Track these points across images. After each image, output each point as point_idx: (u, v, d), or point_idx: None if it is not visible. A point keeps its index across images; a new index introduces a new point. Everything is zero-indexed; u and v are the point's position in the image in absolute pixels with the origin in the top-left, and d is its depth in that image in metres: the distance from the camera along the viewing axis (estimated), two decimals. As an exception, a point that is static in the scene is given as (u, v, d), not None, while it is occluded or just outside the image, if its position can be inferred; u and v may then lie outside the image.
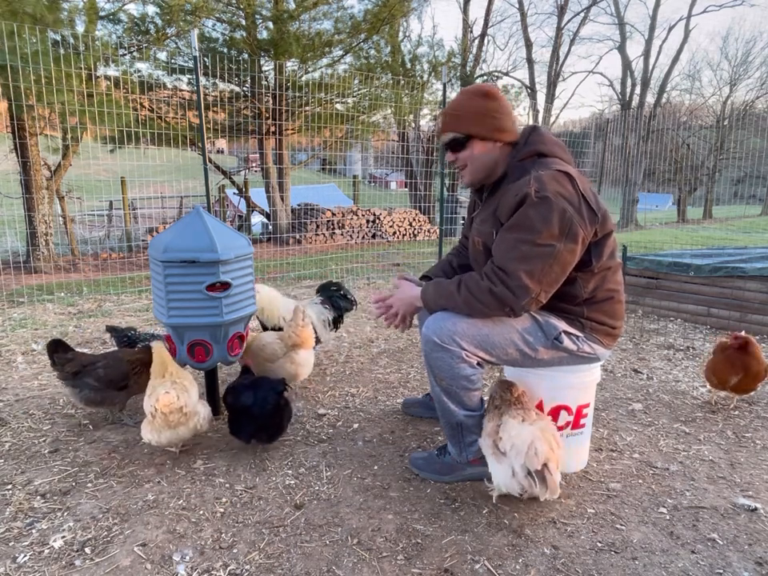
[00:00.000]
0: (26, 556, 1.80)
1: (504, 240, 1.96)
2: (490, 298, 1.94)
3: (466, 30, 19.23)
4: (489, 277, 1.96)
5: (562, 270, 1.93)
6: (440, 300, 2.09)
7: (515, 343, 2.06)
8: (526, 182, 1.93)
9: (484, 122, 2.09)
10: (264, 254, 8.77)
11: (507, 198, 1.98)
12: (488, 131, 2.09)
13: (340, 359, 3.86)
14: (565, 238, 1.89)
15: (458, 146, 2.14)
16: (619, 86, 22.82)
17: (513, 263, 1.90)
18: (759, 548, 1.85)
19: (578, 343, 2.10)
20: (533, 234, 1.88)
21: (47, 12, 6.64)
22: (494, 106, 2.10)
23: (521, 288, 1.90)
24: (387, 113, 12.33)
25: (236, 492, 2.16)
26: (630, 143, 18.21)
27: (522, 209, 1.91)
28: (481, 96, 2.11)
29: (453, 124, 2.12)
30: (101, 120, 6.82)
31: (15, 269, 6.33)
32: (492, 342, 2.04)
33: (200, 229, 2.54)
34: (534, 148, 2.07)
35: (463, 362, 2.03)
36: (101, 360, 2.69)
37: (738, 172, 25.78)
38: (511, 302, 1.92)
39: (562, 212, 1.87)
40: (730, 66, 27.11)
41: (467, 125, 2.10)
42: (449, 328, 2.01)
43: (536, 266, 1.89)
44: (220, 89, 11.40)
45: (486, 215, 2.13)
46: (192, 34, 5.36)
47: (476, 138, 2.10)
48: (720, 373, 2.91)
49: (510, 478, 1.91)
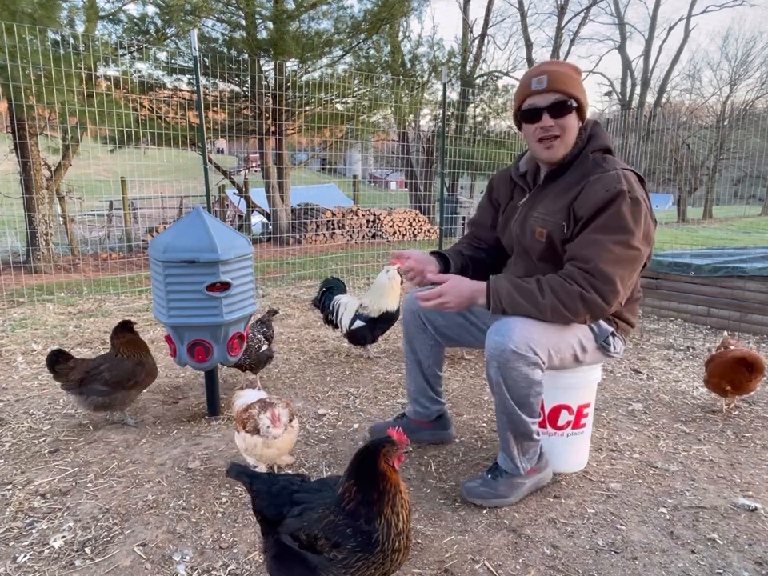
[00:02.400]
0: (26, 556, 1.80)
1: (595, 243, 1.82)
2: (579, 304, 1.82)
3: (466, 30, 19.23)
4: (577, 281, 1.81)
5: (638, 274, 1.91)
6: (518, 299, 1.89)
7: (573, 347, 2.00)
8: (616, 178, 1.84)
9: (585, 94, 1.95)
10: (264, 254, 8.76)
11: (593, 192, 1.85)
12: (586, 105, 1.94)
13: (340, 359, 3.86)
14: (647, 241, 1.87)
15: (564, 110, 1.91)
16: (619, 86, 22.84)
17: (609, 267, 1.79)
18: (759, 548, 1.85)
19: (614, 343, 2.10)
20: (627, 235, 1.81)
21: (44, 11, 6.62)
22: (582, 84, 1.98)
23: (613, 293, 1.81)
24: (387, 113, 12.32)
25: (236, 492, 2.16)
26: (630, 143, 18.20)
27: (614, 208, 1.80)
28: (577, 71, 1.98)
29: (562, 84, 1.89)
30: (101, 120, 6.81)
31: (15, 269, 6.32)
32: (558, 347, 1.95)
33: (200, 229, 2.54)
34: (604, 143, 1.98)
35: (537, 368, 1.91)
36: (102, 363, 2.68)
37: (738, 172, 25.78)
38: (599, 309, 1.82)
39: (646, 215, 1.85)
40: (730, 65, 27.16)
41: (576, 89, 1.91)
42: (524, 335, 1.86)
43: (627, 271, 1.83)
44: (220, 89, 11.40)
45: (555, 206, 1.96)
46: (192, 34, 5.35)
47: (578, 108, 1.93)
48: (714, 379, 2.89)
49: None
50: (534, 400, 1.97)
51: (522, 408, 1.97)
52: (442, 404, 2.56)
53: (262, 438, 2.12)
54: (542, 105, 1.92)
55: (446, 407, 2.60)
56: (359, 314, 3.66)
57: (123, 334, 2.76)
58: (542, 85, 1.90)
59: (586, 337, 2.04)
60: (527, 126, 2.00)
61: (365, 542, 1.36)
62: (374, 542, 1.36)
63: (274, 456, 2.17)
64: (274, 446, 2.13)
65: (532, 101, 1.94)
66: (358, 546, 1.36)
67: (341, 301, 3.81)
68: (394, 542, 1.38)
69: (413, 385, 2.53)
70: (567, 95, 1.90)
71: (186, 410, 2.98)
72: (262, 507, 1.51)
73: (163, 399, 3.12)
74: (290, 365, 3.72)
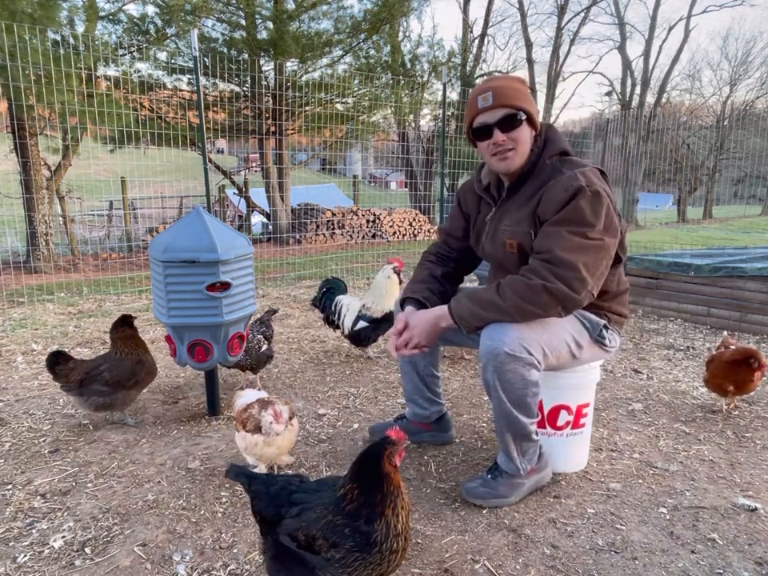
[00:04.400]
0: (26, 556, 1.80)
1: (553, 234, 1.86)
2: (545, 296, 1.82)
3: (466, 30, 19.21)
4: (539, 274, 1.83)
5: (606, 264, 1.92)
6: (480, 312, 1.91)
7: (568, 343, 2.01)
8: (573, 177, 1.87)
9: (533, 104, 1.98)
10: (264, 254, 8.77)
11: (553, 195, 1.89)
12: (536, 115, 1.99)
13: (340, 359, 3.86)
14: (610, 232, 1.89)
15: (514, 123, 1.94)
16: (619, 86, 22.84)
17: (568, 254, 1.81)
18: (759, 548, 1.85)
19: (608, 336, 2.11)
20: (585, 226, 1.83)
21: (44, 11, 6.63)
22: (531, 95, 2.02)
23: (578, 281, 1.81)
24: (387, 113, 12.33)
25: (236, 492, 2.16)
26: (630, 143, 18.20)
27: (574, 202, 1.84)
28: (521, 82, 2.02)
29: (508, 99, 1.93)
30: (101, 120, 6.82)
31: (15, 269, 6.32)
32: (551, 344, 1.96)
33: (200, 229, 2.54)
34: (560, 146, 2.01)
35: (533, 368, 1.91)
36: (102, 363, 2.68)
37: (738, 172, 25.79)
38: (568, 298, 1.83)
39: (608, 207, 1.88)
40: (730, 66, 27.11)
41: (522, 101, 1.94)
42: (515, 336, 1.87)
43: (590, 259, 1.84)
44: (220, 89, 11.40)
45: (519, 215, 2.00)
46: (192, 34, 5.36)
47: (528, 118, 1.96)
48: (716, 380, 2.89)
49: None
50: (531, 401, 1.97)
51: (520, 409, 1.97)
52: (441, 405, 2.56)
53: (263, 436, 2.12)
54: (490, 121, 1.95)
55: (446, 408, 2.59)
56: (362, 315, 3.66)
57: (123, 329, 2.76)
58: (487, 102, 1.94)
59: (578, 332, 2.04)
60: (481, 144, 2.04)
61: (363, 542, 1.36)
62: (372, 542, 1.36)
63: (274, 455, 2.17)
64: (275, 443, 2.13)
65: (481, 119, 1.98)
66: (356, 546, 1.36)
67: (343, 302, 3.81)
68: (392, 543, 1.37)
69: (409, 385, 2.53)
70: (514, 108, 1.94)
71: (185, 409, 2.98)
72: (260, 508, 1.51)
73: (163, 399, 3.12)
74: (289, 365, 3.72)
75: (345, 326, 3.72)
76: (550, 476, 2.22)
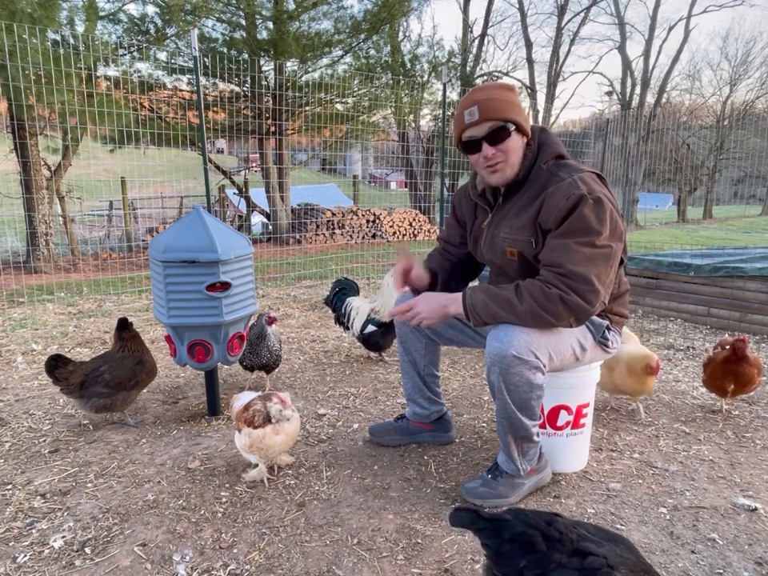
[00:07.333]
0: (26, 556, 1.80)
1: (561, 247, 1.84)
2: (560, 306, 1.82)
3: (466, 30, 19.22)
4: (555, 284, 1.82)
5: (615, 270, 1.92)
6: (494, 308, 1.89)
7: (573, 347, 2.01)
8: (573, 185, 1.85)
9: (521, 112, 1.96)
10: (264, 254, 8.77)
11: (554, 203, 1.87)
12: (525, 122, 1.97)
13: (340, 359, 3.86)
14: (616, 237, 1.88)
15: (502, 135, 1.92)
16: (619, 86, 22.84)
17: (580, 267, 1.81)
18: (759, 548, 1.85)
19: (611, 337, 2.12)
20: (592, 235, 1.82)
21: (44, 11, 6.63)
22: (518, 100, 2.00)
23: (593, 293, 1.81)
24: (387, 113, 12.34)
25: (236, 492, 2.16)
26: (630, 143, 18.22)
27: (577, 212, 1.82)
28: (507, 89, 1.98)
29: (494, 112, 1.90)
30: (101, 120, 6.82)
31: (15, 269, 6.33)
32: (558, 348, 1.96)
33: (200, 229, 2.54)
34: (555, 150, 2.00)
35: (539, 372, 1.91)
36: (102, 364, 2.67)
37: (738, 172, 25.82)
38: (582, 309, 1.83)
39: (611, 212, 1.87)
40: (730, 65, 27.14)
41: (509, 112, 1.92)
42: (524, 339, 1.86)
43: (601, 269, 1.84)
44: (220, 89, 11.41)
45: (519, 223, 1.99)
46: (192, 34, 5.36)
47: (517, 129, 1.95)
48: (716, 382, 2.88)
49: None
50: (535, 403, 1.98)
51: (523, 411, 1.97)
52: (441, 405, 2.56)
53: (272, 425, 2.12)
54: (478, 136, 1.93)
55: (446, 408, 2.59)
56: (371, 319, 3.64)
57: (129, 331, 2.76)
58: (473, 117, 1.91)
59: (583, 335, 2.05)
60: (471, 156, 2.02)
61: None
62: None
63: (280, 445, 2.17)
64: (283, 431, 2.14)
65: (469, 133, 1.96)
66: None
67: (353, 304, 3.77)
68: None
69: (409, 384, 2.53)
70: (502, 120, 1.91)
71: (185, 409, 2.98)
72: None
73: (163, 399, 3.12)
74: (290, 365, 3.72)
75: (354, 328, 3.71)
76: (550, 476, 2.22)
